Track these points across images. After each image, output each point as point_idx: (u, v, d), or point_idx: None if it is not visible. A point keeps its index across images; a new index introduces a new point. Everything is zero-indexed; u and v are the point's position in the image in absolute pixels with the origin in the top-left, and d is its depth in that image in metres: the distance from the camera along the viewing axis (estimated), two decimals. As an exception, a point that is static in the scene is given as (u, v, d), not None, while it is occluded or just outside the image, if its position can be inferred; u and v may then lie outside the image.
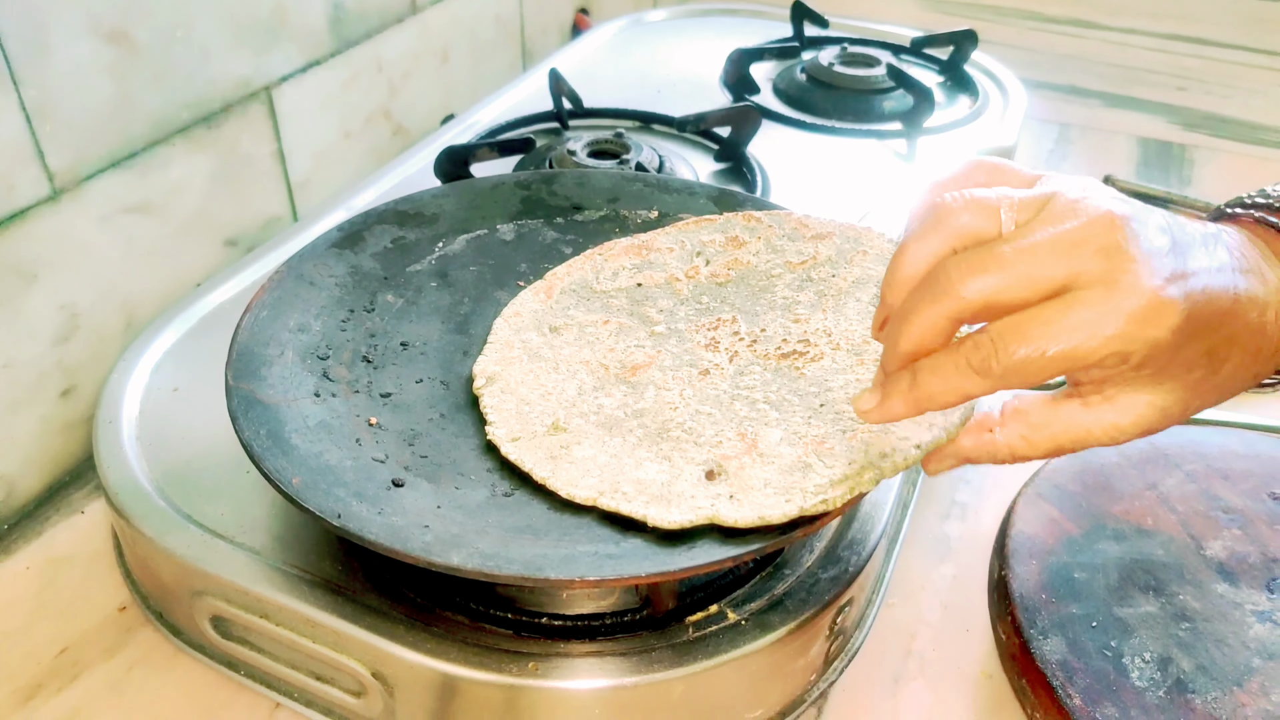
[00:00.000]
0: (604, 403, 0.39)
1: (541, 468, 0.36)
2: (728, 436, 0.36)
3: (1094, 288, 0.28)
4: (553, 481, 0.36)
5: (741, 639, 0.37)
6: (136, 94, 0.51)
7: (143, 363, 0.47)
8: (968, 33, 0.77)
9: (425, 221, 0.50)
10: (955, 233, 0.30)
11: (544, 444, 0.37)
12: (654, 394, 0.39)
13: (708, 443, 0.36)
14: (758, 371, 0.39)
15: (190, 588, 0.39)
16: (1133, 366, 0.30)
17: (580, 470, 0.36)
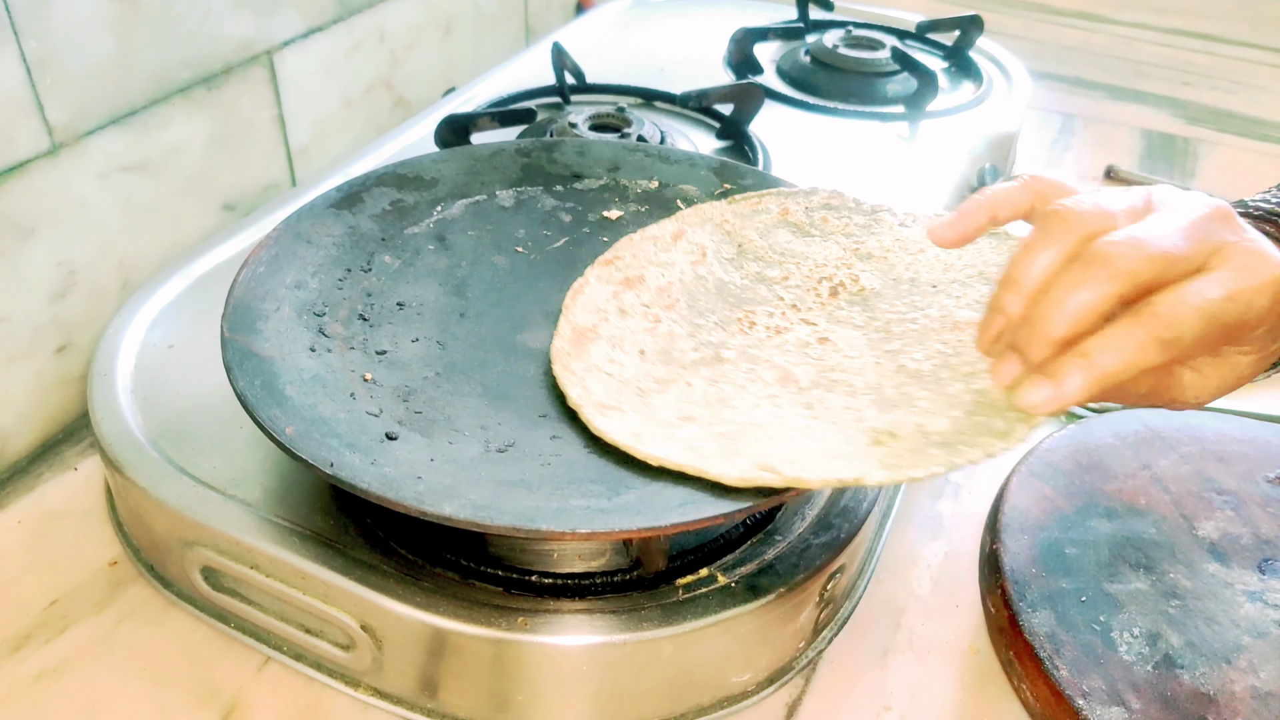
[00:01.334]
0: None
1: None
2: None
3: (1235, 263, 0.31)
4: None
5: (731, 601, 0.37)
6: (137, 50, 0.51)
7: (139, 319, 0.47)
8: (973, 18, 0.76)
9: (424, 185, 0.50)
10: (1082, 236, 0.31)
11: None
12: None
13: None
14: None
15: (182, 538, 0.39)
16: (1267, 329, 0.33)
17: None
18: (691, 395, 0.37)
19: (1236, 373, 0.35)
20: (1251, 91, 0.98)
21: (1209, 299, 0.30)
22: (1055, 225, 0.32)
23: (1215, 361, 0.35)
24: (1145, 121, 0.91)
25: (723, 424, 0.36)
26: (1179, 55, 1.05)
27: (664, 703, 0.37)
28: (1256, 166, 0.85)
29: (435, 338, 0.42)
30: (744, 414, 0.36)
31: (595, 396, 0.37)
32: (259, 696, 0.39)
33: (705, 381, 0.38)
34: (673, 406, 0.37)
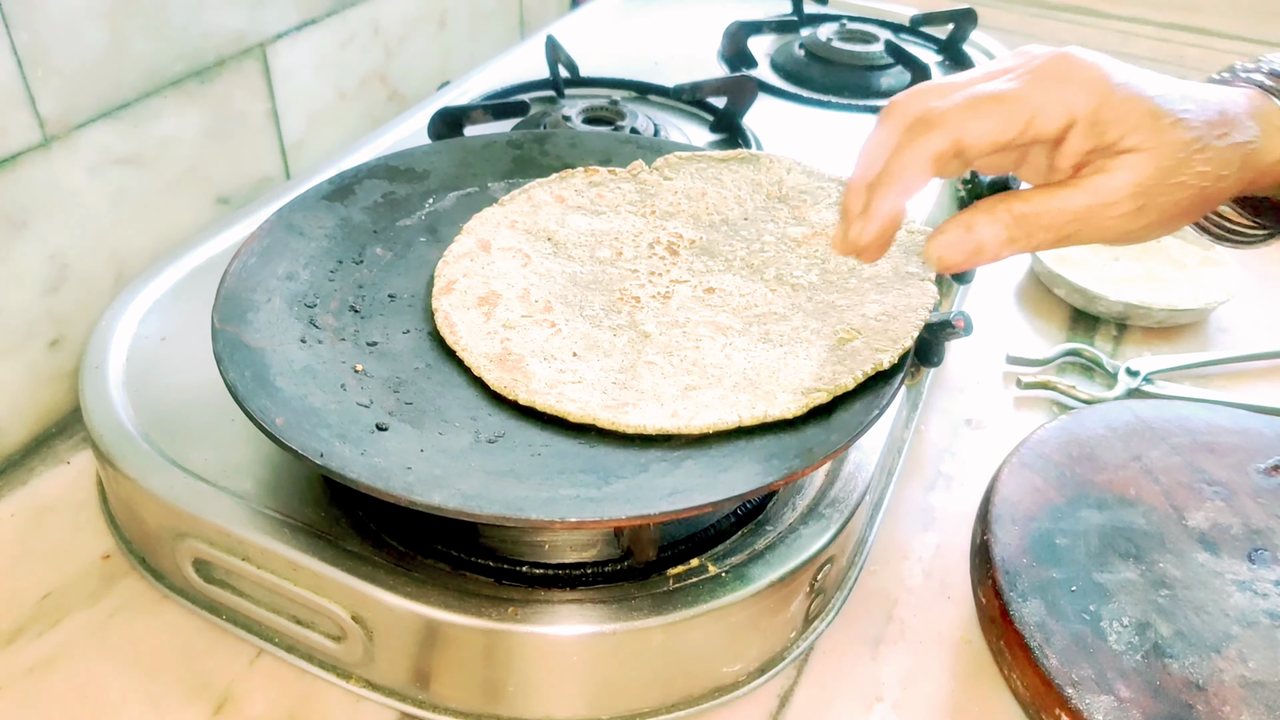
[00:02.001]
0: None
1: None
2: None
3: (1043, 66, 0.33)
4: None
5: (721, 591, 0.37)
6: (129, 43, 0.50)
7: (131, 311, 0.47)
8: (967, 11, 0.76)
9: (416, 177, 0.50)
10: (915, 116, 0.33)
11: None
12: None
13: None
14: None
15: (173, 530, 0.39)
16: (1086, 123, 0.32)
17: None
18: (666, 370, 0.38)
19: (1135, 177, 0.33)
20: (1246, 85, 0.98)
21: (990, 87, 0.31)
22: (885, 115, 0.34)
23: (1115, 161, 0.33)
24: (1140, 115, 0.91)
25: (728, 378, 0.38)
26: (1174, 50, 1.05)
27: (655, 693, 0.38)
28: (1250, 160, 0.85)
29: (427, 329, 0.42)
30: (732, 365, 0.39)
31: (597, 404, 0.37)
32: (251, 688, 0.39)
33: (662, 356, 0.39)
34: (666, 385, 0.37)
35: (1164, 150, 0.32)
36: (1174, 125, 0.32)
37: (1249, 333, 0.64)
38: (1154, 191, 0.33)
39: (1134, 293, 0.64)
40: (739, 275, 0.43)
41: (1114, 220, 0.33)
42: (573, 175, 0.47)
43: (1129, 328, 0.64)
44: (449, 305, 0.41)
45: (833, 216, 0.46)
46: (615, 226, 0.45)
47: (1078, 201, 0.33)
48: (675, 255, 0.44)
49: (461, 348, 0.39)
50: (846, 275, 0.43)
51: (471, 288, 0.42)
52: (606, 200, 0.46)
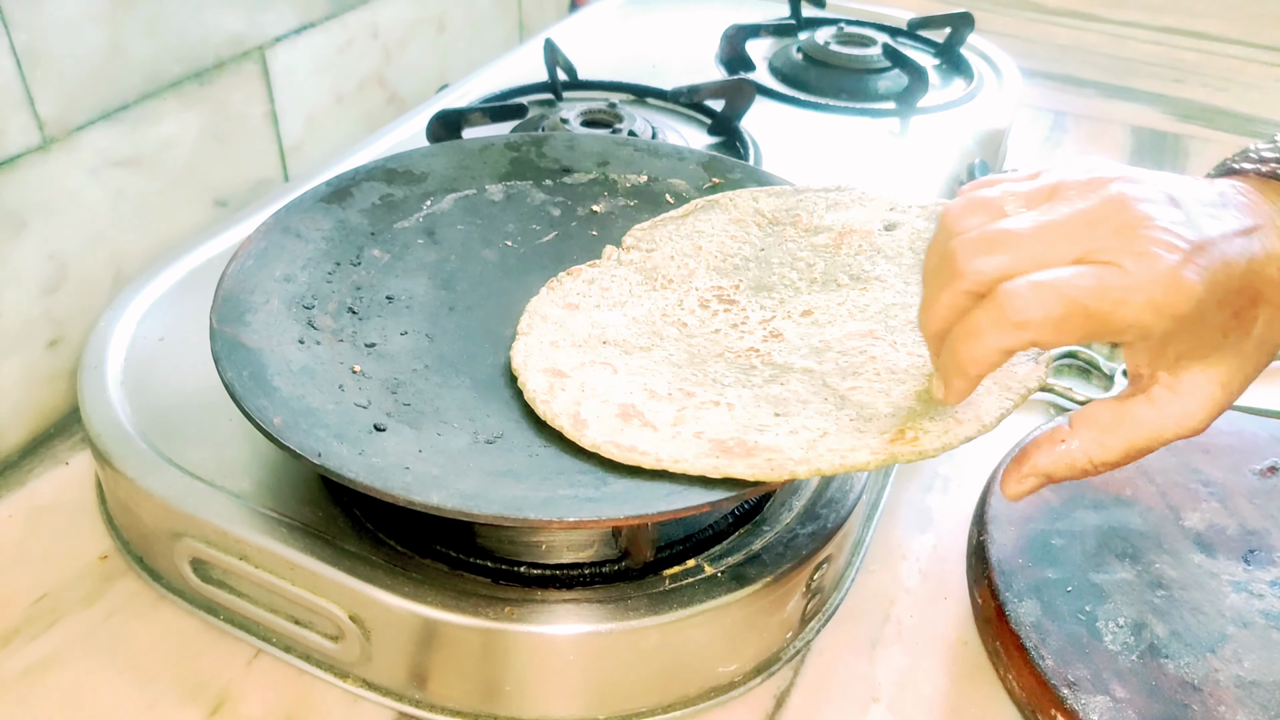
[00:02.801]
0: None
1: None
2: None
3: (1111, 265, 0.28)
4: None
5: (717, 591, 0.37)
6: (129, 45, 0.51)
7: (130, 311, 0.48)
8: (964, 15, 0.77)
9: (414, 180, 0.50)
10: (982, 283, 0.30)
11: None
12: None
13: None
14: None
15: (171, 530, 0.39)
16: (1158, 341, 0.31)
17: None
18: (874, 387, 0.37)
19: (1219, 384, 0.33)
20: (1241, 88, 0.98)
21: (1065, 280, 0.28)
22: (940, 233, 0.32)
23: (1190, 379, 0.33)
24: (1136, 119, 0.92)
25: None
26: (1170, 53, 1.06)
27: (652, 693, 0.38)
28: (1246, 163, 0.85)
29: (424, 331, 0.42)
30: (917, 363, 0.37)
31: (932, 441, 0.34)
32: (249, 689, 0.39)
33: (849, 377, 0.37)
34: (895, 397, 0.36)
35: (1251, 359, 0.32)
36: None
37: (1245, 335, 0.64)
38: (1239, 389, 0.33)
39: (1130, 295, 0.64)
40: (816, 292, 0.41)
41: (1192, 429, 0.33)
42: (560, 283, 0.44)
43: (1125, 330, 0.64)
44: (597, 434, 0.36)
45: (836, 217, 0.46)
46: (650, 308, 0.42)
47: (1158, 425, 0.33)
48: (734, 303, 0.42)
49: (674, 459, 0.34)
50: (913, 266, 0.42)
51: (595, 409, 0.37)
52: (614, 292, 0.43)
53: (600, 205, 0.50)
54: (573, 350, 0.40)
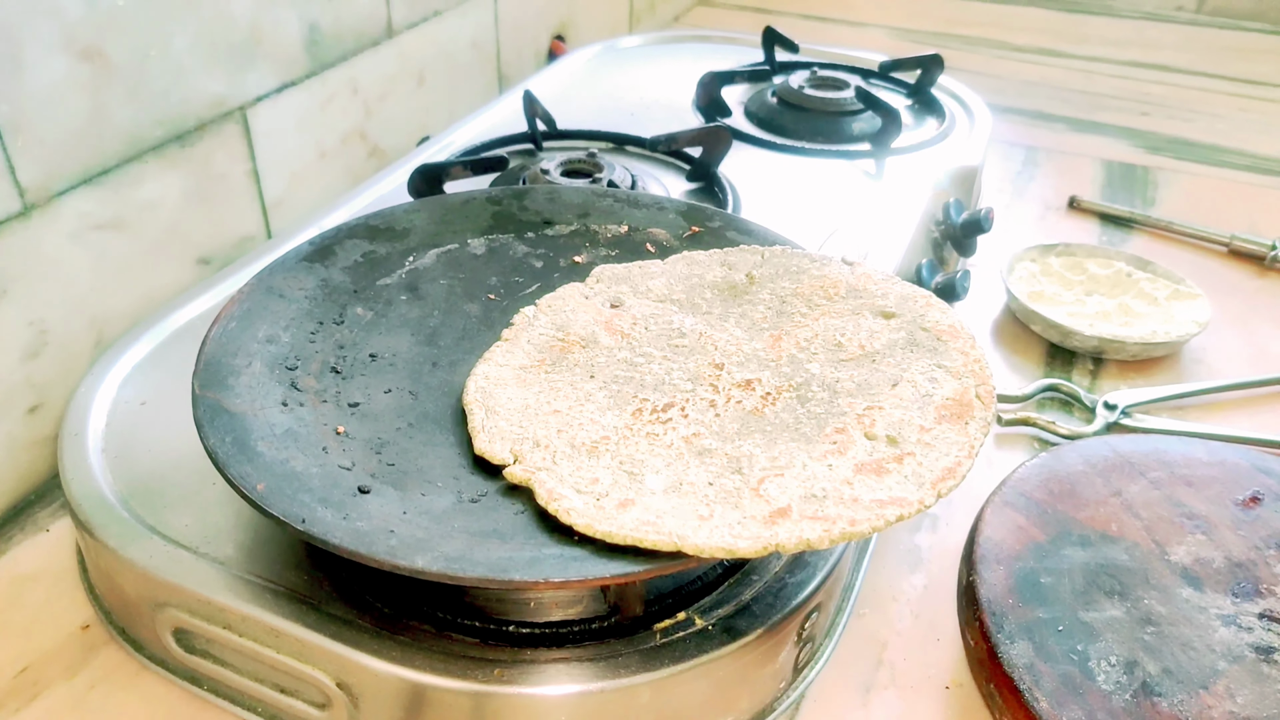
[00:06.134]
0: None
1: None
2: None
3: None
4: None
5: (709, 644, 0.37)
6: (110, 111, 0.51)
7: (111, 376, 0.47)
8: (934, 57, 0.78)
9: (396, 236, 0.50)
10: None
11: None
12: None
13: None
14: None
15: (153, 599, 0.39)
16: None
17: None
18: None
19: None
20: (1208, 119, 1.01)
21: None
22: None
23: None
24: (1106, 152, 0.93)
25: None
26: (1136, 87, 1.08)
27: (645, 750, 0.37)
28: (1214, 192, 0.87)
29: (408, 388, 0.42)
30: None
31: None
32: (234, 759, 0.38)
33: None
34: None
35: None
36: None
37: (1222, 363, 0.65)
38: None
39: (1108, 327, 0.65)
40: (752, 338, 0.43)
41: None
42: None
43: (1105, 362, 0.65)
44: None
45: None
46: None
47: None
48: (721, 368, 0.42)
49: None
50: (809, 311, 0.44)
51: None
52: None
53: (582, 256, 0.51)
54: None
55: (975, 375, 0.40)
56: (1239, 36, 1.24)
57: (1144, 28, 1.26)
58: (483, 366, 0.42)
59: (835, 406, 0.39)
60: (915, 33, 1.22)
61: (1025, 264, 0.72)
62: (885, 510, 0.34)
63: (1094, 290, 0.70)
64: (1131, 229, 0.81)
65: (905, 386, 0.39)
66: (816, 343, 0.43)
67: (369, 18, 0.69)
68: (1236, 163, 0.92)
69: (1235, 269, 0.76)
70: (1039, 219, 0.82)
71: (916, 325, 0.43)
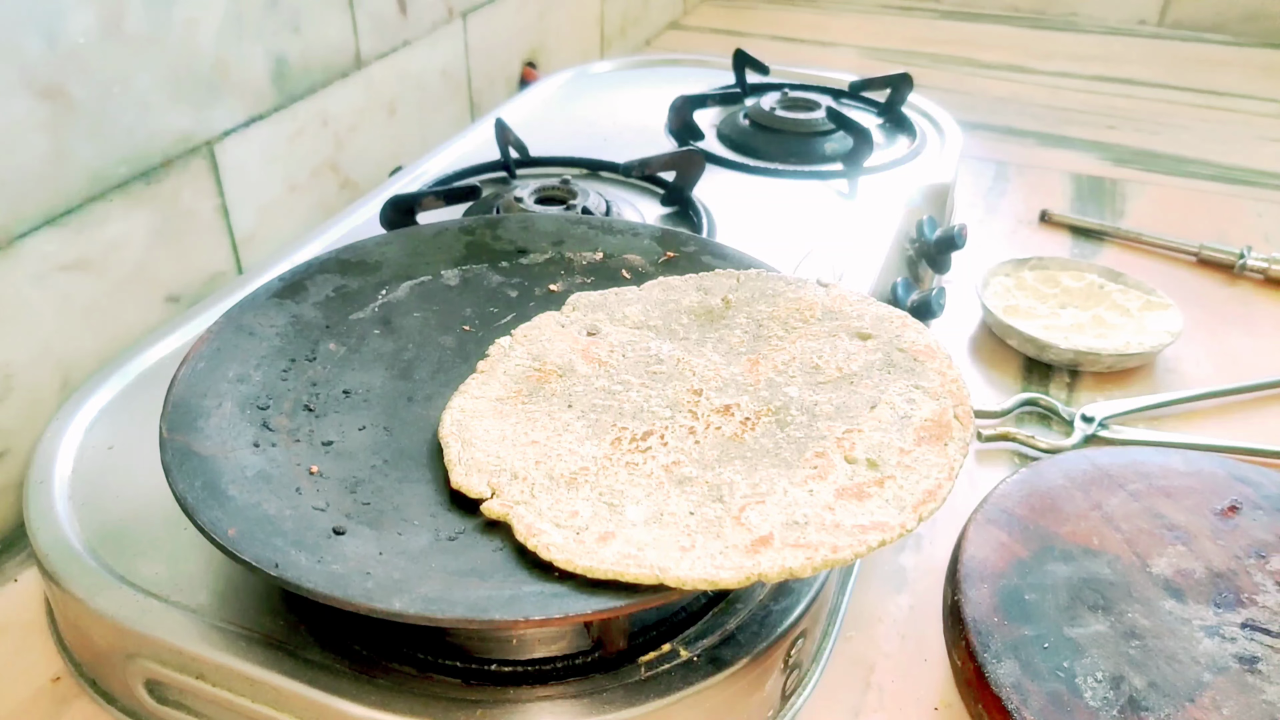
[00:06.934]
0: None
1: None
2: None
3: None
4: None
5: (694, 676, 0.36)
6: (72, 150, 0.50)
7: (77, 421, 0.46)
8: (903, 76, 0.79)
9: (368, 269, 0.50)
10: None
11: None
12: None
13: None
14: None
15: (123, 650, 0.38)
16: None
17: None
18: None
19: None
20: (1173, 131, 1.03)
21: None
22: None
23: None
24: (1074, 165, 0.95)
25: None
26: (1102, 100, 1.10)
27: (633, 787, 0.36)
28: (1182, 203, 0.88)
29: (383, 424, 0.42)
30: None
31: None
32: (210, 812, 0.37)
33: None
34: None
35: None
36: None
37: (1195, 372, 0.66)
38: None
39: (1083, 340, 0.66)
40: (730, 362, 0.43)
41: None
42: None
43: (1081, 374, 0.65)
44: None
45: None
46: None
47: None
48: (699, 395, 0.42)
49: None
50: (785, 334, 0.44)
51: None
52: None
53: (557, 285, 0.51)
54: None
55: (953, 395, 0.40)
56: (1201, 48, 1.27)
57: (1108, 42, 1.29)
58: (458, 399, 0.42)
59: (815, 430, 0.39)
60: (885, 51, 1.24)
61: (1000, 278, 0.72)
62: (867, 536, 0.33)
63: (1068, 303, 0.70)
64: (1102, 241, 0.82)
65: (884, 408, 0.39)
66: (794, 366, 0.43)
67: (337, 49, 0.69)
68: (1202, 173, 0.94)
69: (1205, 278, 0.77)
70: (1011, 233, 0.83)
71: (893, 346, 0.43)
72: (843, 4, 1.43)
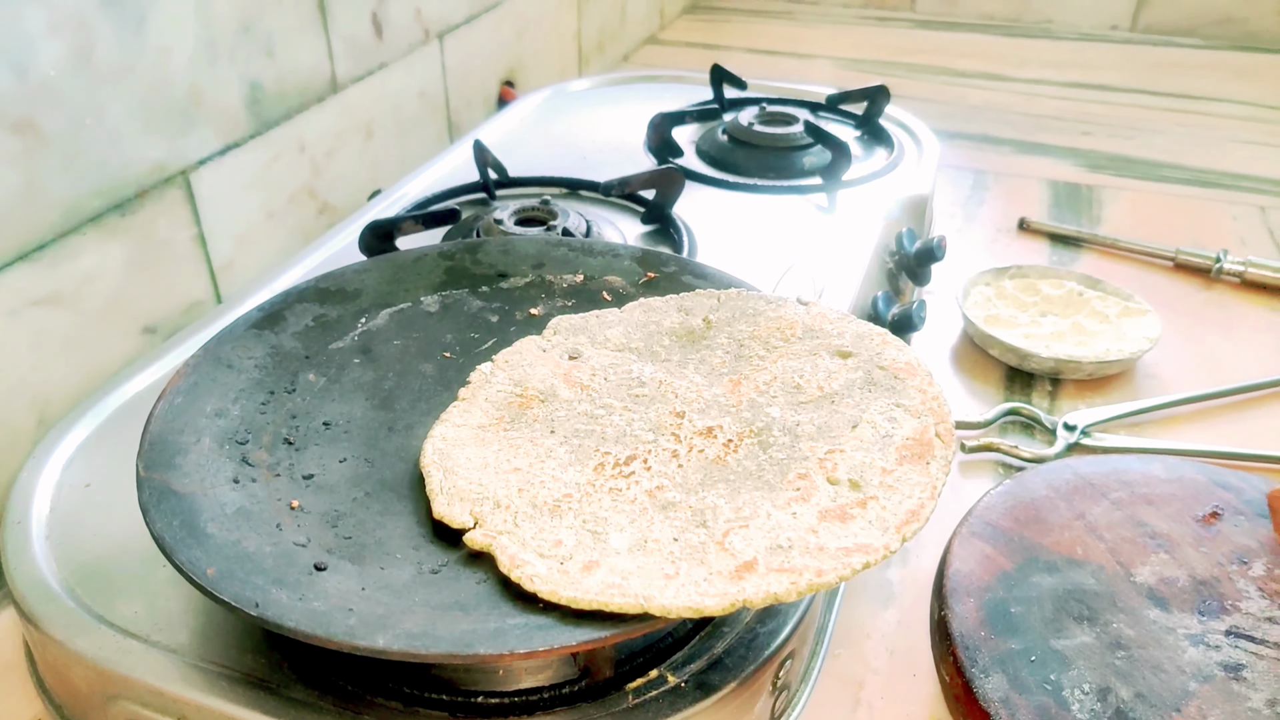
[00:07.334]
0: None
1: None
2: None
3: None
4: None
5: (682, 702, 0.36)
6: (44, 184, 0.50)
7: (54, 459, 0.46)
8: (880, 88, 0.80)
9: (347, 298, 0.49)
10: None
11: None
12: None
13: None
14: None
15: (104, 692, 0.37)
16: None
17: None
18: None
19: None
20: (1147, 135, 1.04)
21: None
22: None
23: None
24: (1051, 172, 0.96)
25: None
26: (1078, 107, 1.11)
27: (623, 816, 0.36)
28: (1158, 207, 0.89)
29: (364, 455, 0.41)
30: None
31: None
32: None
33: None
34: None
35: None
36: None
37: (1175, 377, 0.66)
38: None
39: (1064, 348, 0.66)
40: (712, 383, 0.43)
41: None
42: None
43: (1062, 382, 0.66)
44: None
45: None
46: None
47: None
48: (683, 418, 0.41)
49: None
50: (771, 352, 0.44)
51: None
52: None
53: (538, 308, 0.50)
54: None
55: (934, 413, 0.40)
56: (1173, 53, 1.28)
57: (1082, 49, 1.30)
58: (440, 428, 0.41)
59: (797, 451, 0.39)
60: (862, 62, 1.24)
61: (980, 288, 0.73)
62: (851, 558, 0.33)
63: (1048, 311, 0.71)
64: (1080, 248, 0.82)
65: (865, 427, 0.39)
66: (776, 385, 0.43)
67: (313, 74, 0.68)
68: (1177, 177, 0.95)
69: (1182, 282, 0.78)
70: (991, 242, 0.84)
71: (873, 364, 0.43)
72: (819, 16, 1.44)
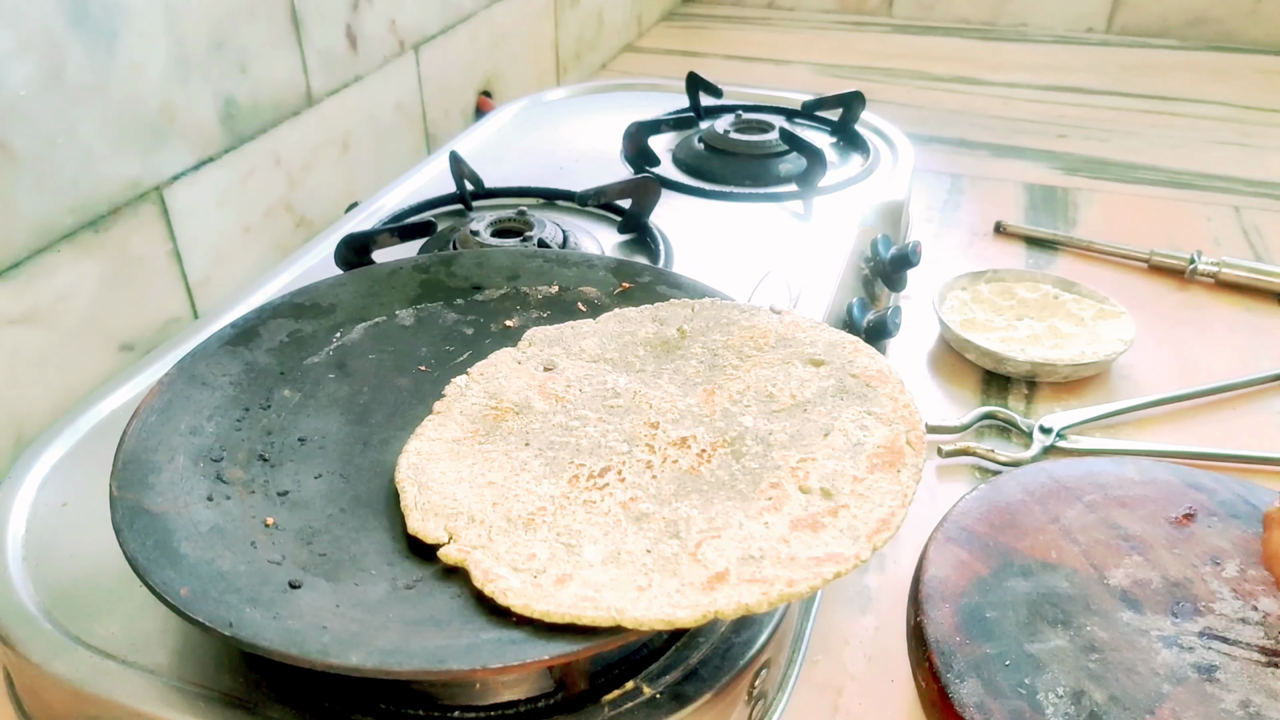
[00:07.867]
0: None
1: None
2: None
3: None
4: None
5: (658, 713, 0.36)
6: (16, 203, 0.50)
7: (30, 478, 0.46)
8: (855, 94, 0.80)
9: (322, 312, 0.49)
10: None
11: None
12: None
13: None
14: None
15: (82, 714, 0.37)
16: None
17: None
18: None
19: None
20: (1122, 137, 1.05)
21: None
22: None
23: None
24: (1027, 175, 0.96)
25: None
26: (1053, 110, 1.12)
27: (602, 828, 0.36)
28: (1133, 209, 0.90)
29: (339, 471, 0.41)
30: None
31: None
32: None
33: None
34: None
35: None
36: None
37: (1150, 378, 0.67)
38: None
39: (1039, 351, 0.67)
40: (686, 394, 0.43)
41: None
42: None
43: (1038, 385, 0.66)
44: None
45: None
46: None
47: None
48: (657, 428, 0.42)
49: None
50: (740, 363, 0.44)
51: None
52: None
53: (513, 320, 0.51)
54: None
55: (905, 421, 0.40)
56: (1148, 54, 1.30)
57: (1057, 51, 1.31)
58: (414, 442, 0.42)
59: (770, 460, 0.39)
60: (838, 68, 1.25)
61: (956, 292, 0.73)
62: (822, 568, 0.34)
63: (1024, 314, 0.71)
64: (1056, 250, 0.83)
65: (837, 435, 0.40)
66: (749, 395, 0.43)
67: (287, 87, 0.68)
68: (1152, 178, 0.96)
69: (1156, 284, 0.79)
70: (967, 245, 0.84)
71: (845, 372, 0.43)
72: (796, 21, 1.45)
